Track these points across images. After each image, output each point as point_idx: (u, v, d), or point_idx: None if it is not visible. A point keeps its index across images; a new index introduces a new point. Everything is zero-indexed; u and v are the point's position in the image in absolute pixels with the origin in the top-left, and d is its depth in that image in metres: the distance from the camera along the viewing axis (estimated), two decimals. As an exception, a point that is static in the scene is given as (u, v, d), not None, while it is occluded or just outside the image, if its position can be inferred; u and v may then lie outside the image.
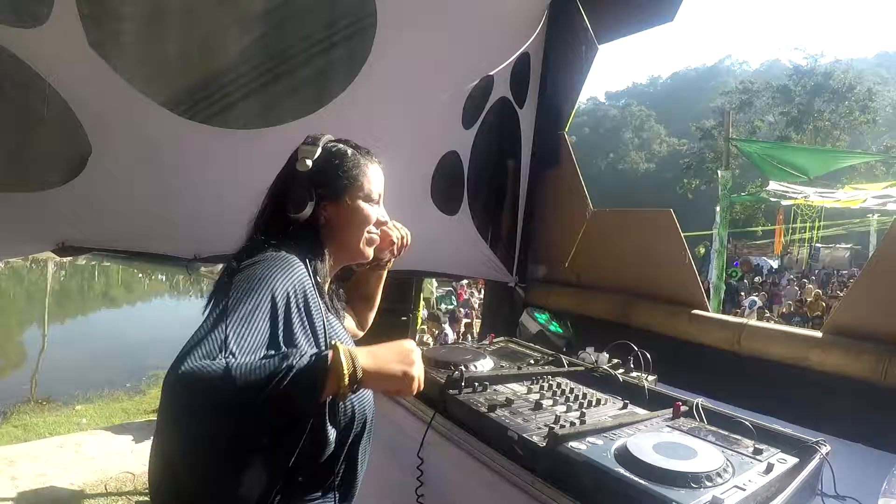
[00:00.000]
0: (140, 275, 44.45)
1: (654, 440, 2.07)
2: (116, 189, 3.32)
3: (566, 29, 4.97)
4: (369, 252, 2.10)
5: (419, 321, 12.15)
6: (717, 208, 13.59)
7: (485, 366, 3.11)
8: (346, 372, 1.48)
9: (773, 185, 16.56)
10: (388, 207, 2.16)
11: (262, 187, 1.91)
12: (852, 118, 49.78)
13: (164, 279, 42.45)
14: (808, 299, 18.91)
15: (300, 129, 3.42)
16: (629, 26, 5.11)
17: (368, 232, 2.07)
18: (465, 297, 21.95)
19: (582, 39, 4.93)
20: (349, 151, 2.03)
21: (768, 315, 18.43)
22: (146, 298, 39.17)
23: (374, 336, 2.07)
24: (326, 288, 1.99)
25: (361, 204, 2.03)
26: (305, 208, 1.89)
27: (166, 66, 3.28)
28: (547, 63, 5.11)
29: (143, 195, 3.41)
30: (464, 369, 2.86)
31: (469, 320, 15.12)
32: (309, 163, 1.91)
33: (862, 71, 61.91)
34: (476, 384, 2.75)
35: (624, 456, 1.96)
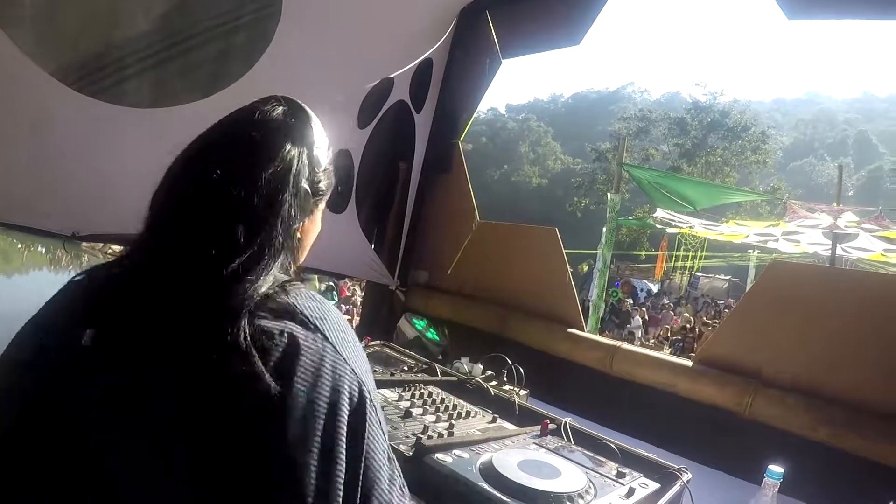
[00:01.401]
0: (19, 245, 43.01)
1: (519, 457, 2.07)
2: (-3, 157, 3.19)
3: (472, 40, 5.00)
4: None
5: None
6: (604, 229, 13.82)
7: (358, 369, 3.08)
8: None
9: (660, 213, 16.97)
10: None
11: (146, 169, 1.56)
12: (744, 157, 51.03)
13: (43, 251, 41.10)
14: (693, 325, 19.40)
15: (190, 113, 3.36)
16: (536, 45, 5.13)
17: None
18: (348, 293, 21.92)
19: (487, 52, 4.97)
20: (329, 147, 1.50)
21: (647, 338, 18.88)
22: (24, 270, 37.87)
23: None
24: None
25: (320, 217, 1.53)
26: (306, 218, 1.38)
27: (61, 34, 3.13)
28: (449, 71, 5.12)
29: (25, 166, 3.24)
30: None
31: (350, 318, 15.09)
32: (324, 161, 1.41)
33: (758, 113, 63.62)
34: (347, 387, 2.71)
35: (488, 471, 1.96)
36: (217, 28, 3.53)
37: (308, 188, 1.33)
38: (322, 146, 1.40)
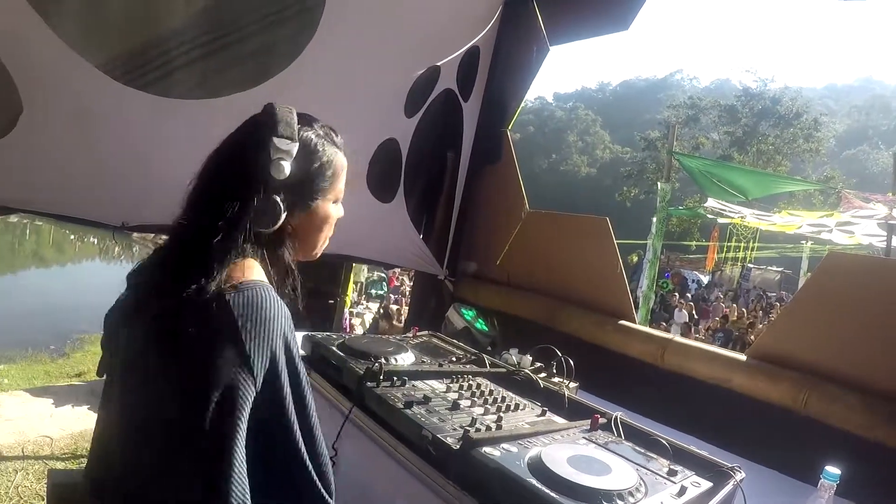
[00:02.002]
0: (72, 236, 43.83)
1: (569, 452, 2.02)
2: (46, 151, 3.19)
3: (519, 27, 4.95)
4: (319, 253, 1.89)
5: (347, 305, 12.10)
6: (654, 219, 13.67)
7: (405, 360, 3.05)
8: None
9: (711, 202, 16.72)
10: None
11: (194, 160, 1.68)
12: (796, 145, 50.44)
13: (95, 242, 41.85)
14: (732, 318, 19.28)
15: (237, 104, 3.36)
16: (584, 31, 5.09)
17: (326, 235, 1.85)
18: (397, 283, 22.05)
19: (534, 39, 4.91)
20: (324, 145, 1.71)
21: (698, 330, 18.76)
22: (76, 260, 38.63)
23: (300, 319, 2.00)
24: None
25: (330, 207, 1.78)
26: (279, 222, 1.60)
27: (106, 28, 3.15)
28: (496, 59, 5.08)
29: (74, 158, 3.28)
30: (383, 362, 2.78)
31: (398, 307, 15.15)
32: (288, 168, 1.56)
33: (810, 100, 62.65)
34: (395, 378, 2.68)
35: (537, 466, 1.92)
36: (262, 19, 3.53)
37: (278, 191, 1.58)
38: (288, 148, 1.58)
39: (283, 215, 1.59)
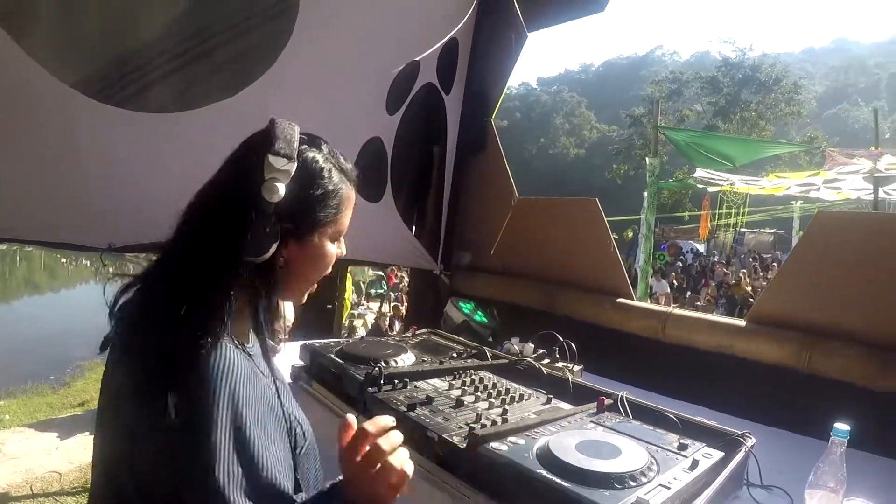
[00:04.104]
0: (63, 260, 43.73)
1: (576, 439, 2.02)
2: (23, 175, 3.11)
3: (496, 16, 4.94)
4: (305, 297, 1.67)
5: (347, 307, 11.98)
6: (645, 193, 13.77)
7: (406, 361, 3.04)
8: None
9: (699, 173, 16.83)
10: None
11: (178, 173, 1.59)
12: (778, 110, 51.13)
13: (88, 264, 41.75)
14: (730, 282, 19.43)
15: (218, 113, 3.32)
16: (560, 16, 5.11)
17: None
18: (396, 281, 22.08)
19: (512, 27, 4.91)
20: (331, 171, 1.52)
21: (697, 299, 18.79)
22: (70, 285, 38.50)
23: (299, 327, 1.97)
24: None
25: (328, 245, 1.56)
26: (268, 252, 1.39)
27: (78, 45, 3.08)
28: (475, 50, 5.08)
29: (53, 182, 3.19)
30: (384, 365, 2.77)
31: (398, 304, 15.18)
32: (282, 190, 1.37)
33: (789, 65, 63.52)
34: (396, 381, 2.68)
35: (546, 456, 1.91)
36: (235, 26, 3.49)
37: (269, 216, 1.37)
38: (285, 168, 1.39)
39: (275, 245, 1.40)
